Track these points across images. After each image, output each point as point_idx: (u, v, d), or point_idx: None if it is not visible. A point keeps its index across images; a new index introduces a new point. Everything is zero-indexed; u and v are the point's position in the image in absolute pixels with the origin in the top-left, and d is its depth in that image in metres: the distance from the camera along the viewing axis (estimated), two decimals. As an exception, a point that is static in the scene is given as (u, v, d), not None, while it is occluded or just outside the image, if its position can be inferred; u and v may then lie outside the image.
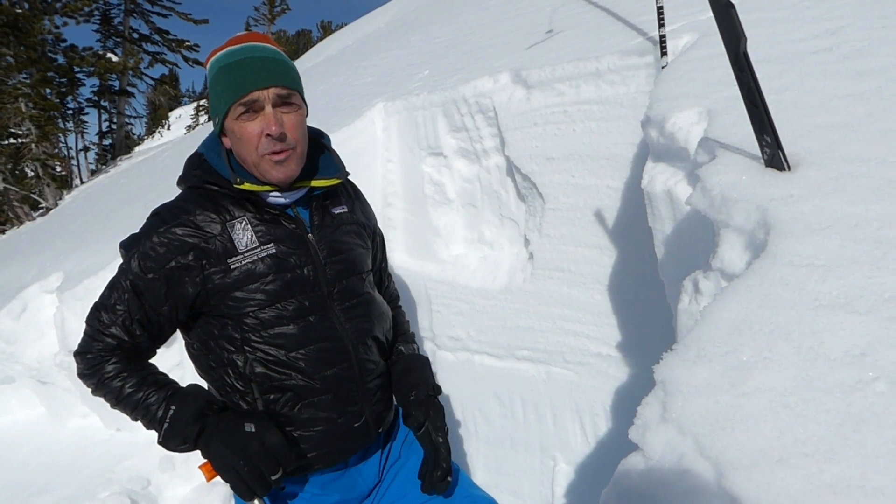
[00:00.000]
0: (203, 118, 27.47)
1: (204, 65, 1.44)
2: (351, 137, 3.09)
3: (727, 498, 0.70)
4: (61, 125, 15.91)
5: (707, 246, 1.33)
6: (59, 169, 14.89)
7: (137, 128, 26.30)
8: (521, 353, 2.62)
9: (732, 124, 1.45)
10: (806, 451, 0.72)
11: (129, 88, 18.49)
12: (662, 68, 2.16)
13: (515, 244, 2.82)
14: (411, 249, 3.14)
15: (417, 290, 2.99)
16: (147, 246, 1.31)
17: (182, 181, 1.42)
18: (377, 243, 1.64)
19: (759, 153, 1.27)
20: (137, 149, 19.64)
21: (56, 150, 14.92)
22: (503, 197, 2.84)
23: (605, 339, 2.37)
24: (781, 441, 0.74)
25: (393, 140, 3.20)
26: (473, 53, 3.58)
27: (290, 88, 1.33)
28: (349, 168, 1.53)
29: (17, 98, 12.69)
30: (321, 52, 11.11)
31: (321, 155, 1.48)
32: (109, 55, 17.23)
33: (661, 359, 0.93)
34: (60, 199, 12.82)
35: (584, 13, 3.27)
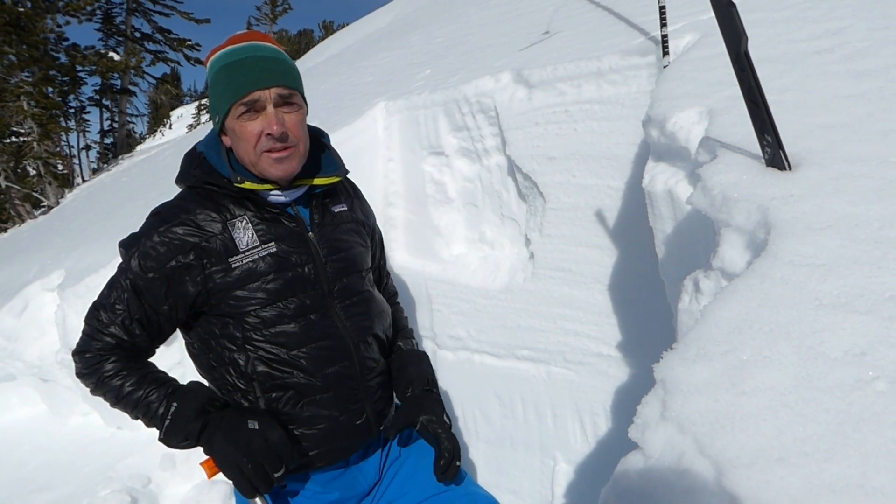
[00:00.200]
0: (204, 117, 27.46)
1: (204, 63, 1.44)
2: (352, 136, 3.09)
3: (726, 496, 0.70)
4: (63, 124, 15.91)
5: (708, 245, 1.33)
6: (60, 167, 14.90)
7: (139, 126, 26.36)
8: (522, 353, 2.62)
9: (733, 124, 1.45)
10: (806, 450, 0.72)
11: (131, 87, 18.51)
12: (664, 68, 2.16)
13: (516, 244, 2.82)
14: (412, 249, 3.14)
15: (418, 290, 2.99)
16: (147, 245, 1.31)
17: (181, 180, 1.42)
18: (376, 241, 1.64)
19: (760, 153, 1.26)
20: (139, 147, 19.64)
21: (58, 149, 14.92)
22: (504, 196, 2.84)
23: (605, 338, 2.37)
24: (781, 440, 0.74)
25: (394, 139, 3.20)
26: (474, 53, 3.58)
27: (291, 88, 1.33)
28: (350, 167, 1.54)
29: (20, 96, 12.69)
30: (323, 51, 11.12)
31: (321, 153, 1.49)
32: (111, 54, 17.25)
33: (661, 358, 0.93)
34: (62, 197, 12.82)
35: (586, 13, 3.27)
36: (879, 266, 0.95)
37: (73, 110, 17.58)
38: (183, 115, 31.22)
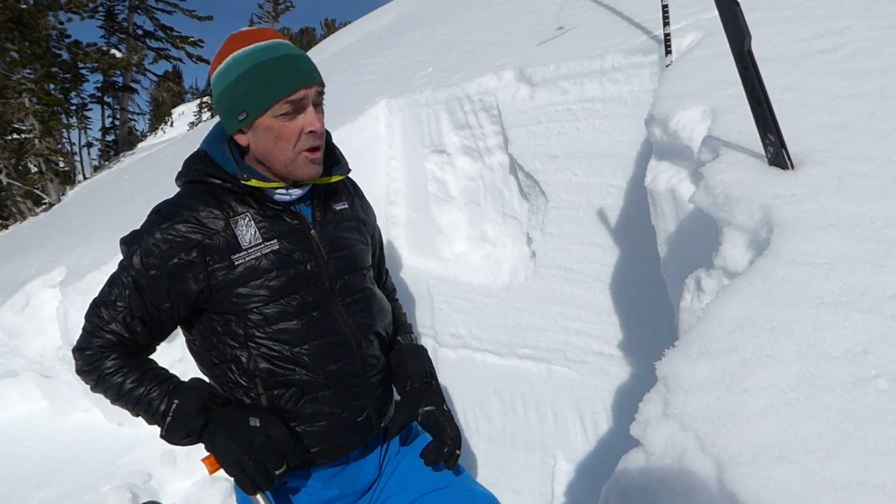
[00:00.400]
0: (206, 115, 27.45)
1: (209, 62, 1.43)
2: (354, 134, 3.09)
3: (728, 494, 0.70)
4: (65, 121, 15.93)
5: (710, 244, 1.33)
6: (62, 164, 14.91)
7: (140, 124, 26.42)
8: (523, 351, 2.62)
9: (736, 123, 1.45)
10: (807, 448, 0.72)
11: (133, 85, 18.51)
12: (667, 67, 2.16)
13: (518, 242, 2.82)
14: (414, 247, 3.14)
15: (419, 288, 2.99)
16: (150, 242, 1.31)
17: (182, 177, 1.42)
18: (376, 239, 1.65)
19: (763, 152, 1.27)
20: (140, 145, 19.66)
21: (59, 146, 14.93)
22: (506, 195, 2.84)
23: (606, 337, 2.37)
24: (782, 437, 0.74)
25: (396, 137, 3.20)
26: (476, 51, 3.58)
27: (323, 87, 1.34)
28: (352, 165, 1.54)
29: (21, 93, 12.70)
30: (325, 49, 11.10)
31: (325, 152, 1.49)
32: (113, 51, 17.24)
33: (662, 356, 0.93)
34: (63, 194, 12.83)
35: (588, 12, 3.27)
36: (881, 265, 0.95)
37: (74, 107, 17.58)
38: (184, 112, 31.23)
